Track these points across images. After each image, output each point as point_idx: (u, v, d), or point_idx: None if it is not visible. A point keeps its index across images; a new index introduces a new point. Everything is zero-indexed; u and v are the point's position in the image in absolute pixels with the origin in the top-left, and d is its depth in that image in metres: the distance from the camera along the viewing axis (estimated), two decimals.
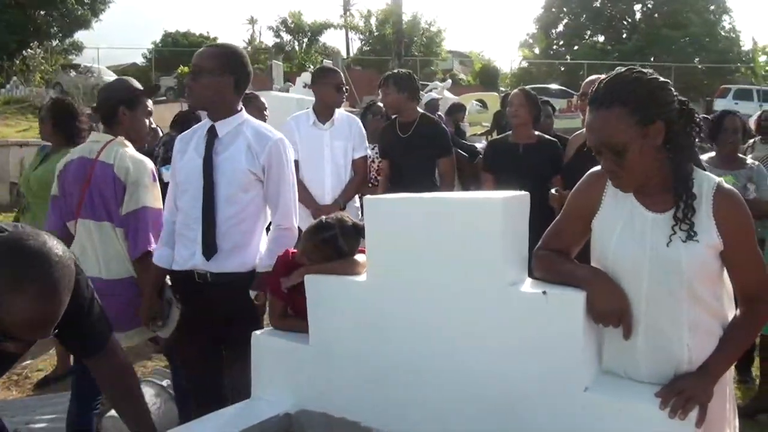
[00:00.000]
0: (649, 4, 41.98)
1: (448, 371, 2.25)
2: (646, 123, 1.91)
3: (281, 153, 3.18)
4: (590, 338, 2.06)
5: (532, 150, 4.67)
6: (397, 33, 22.99)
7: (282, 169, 3.18)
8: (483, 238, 2.13)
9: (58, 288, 1.79)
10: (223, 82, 3.13)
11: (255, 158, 3.13)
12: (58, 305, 1.80)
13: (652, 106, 1.92)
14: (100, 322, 2.29)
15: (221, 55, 3.15)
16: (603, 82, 1.98)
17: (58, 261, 1.80)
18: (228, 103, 3.17)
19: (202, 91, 3.15)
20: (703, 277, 2.00)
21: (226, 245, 3.14)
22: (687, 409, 1.87)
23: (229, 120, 3.18)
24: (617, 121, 1.92)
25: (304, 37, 48.07)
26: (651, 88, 1.95)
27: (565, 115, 16.86)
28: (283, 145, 3.20)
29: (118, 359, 2.37)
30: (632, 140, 1.92)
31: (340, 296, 2.51)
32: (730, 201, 1.99)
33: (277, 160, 3.16)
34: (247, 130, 3.18)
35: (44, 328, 1.81)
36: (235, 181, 3.12)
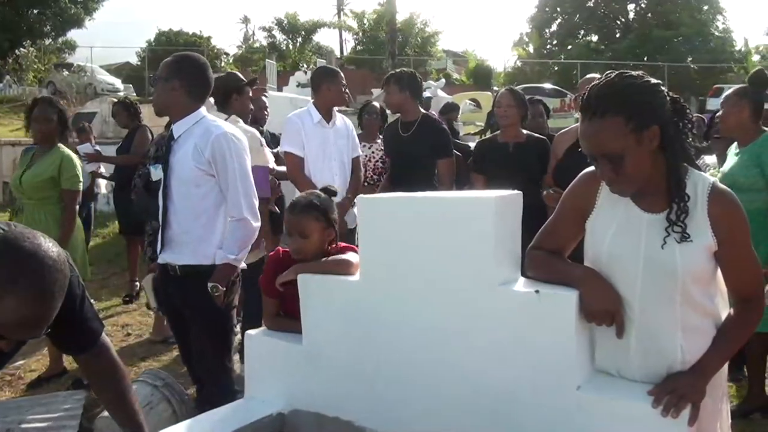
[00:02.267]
0: (642, 4, 42.03)
1: (442, 370, 2.25)
2: (641, 129, 1.90)
3: (223, 146, 3.27)
4: (583, 337, 2.06)
5: (521, 149, 4.68)
6: (391, 33, 22.96)
7: (226, 162, 3.27)
8: (476, 237, 2.13)
9: (52, 290, 1.78)
10: (171, 87, 3.32)
11: (200, 154, 3.26)
12: (51, 308, 1.80)
13: (646, 112, 1.90)
14: (90, 320, 2.29)
15: (172, 63, 3.38)
16: (595, 90, 1.94)
17: (53, 264, 1.78)
18: (181, 106, 3.34)
19: (157, 98, 3.43)
20: (697, 278, 2.00)
21: (188, 239, 3.32)
22: (680, 407, 1.87)
23: (183, 121, 3.36)
24: (612, 130, 1.89)
25: (297, 37, 48.00)
26: (644, 93, 1.93)
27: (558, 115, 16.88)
28: (226, 139, 3.28)
29: (109, 358, 2.36)
30: (628, 148, 1.90)
31: (333, 296, 2.51)
32: (724, 201, 1.99)
33: (221, 154, 3.26)
34: (197, 129, 3.32)
35: (36, 329, 1.81)
36: (184, 178, 3.30)
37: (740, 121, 3.89)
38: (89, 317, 2.28)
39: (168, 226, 3.37)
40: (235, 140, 3.32)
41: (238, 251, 3.33)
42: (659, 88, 1.97)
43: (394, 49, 22.30)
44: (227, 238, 3.34)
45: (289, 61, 41.98)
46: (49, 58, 30.51)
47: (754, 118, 3.88)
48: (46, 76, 27.18)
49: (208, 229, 3.34)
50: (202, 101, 3.41)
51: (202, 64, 3.44)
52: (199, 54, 3.62)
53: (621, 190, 2.01)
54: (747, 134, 3.89)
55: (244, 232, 3.33)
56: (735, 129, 3.96)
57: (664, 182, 2.00)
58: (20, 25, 33.05)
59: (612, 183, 2.00)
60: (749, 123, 3.88)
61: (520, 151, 4.68)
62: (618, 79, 1.94)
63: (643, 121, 1.90)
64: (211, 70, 3.46)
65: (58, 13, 35.06)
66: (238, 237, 3.32)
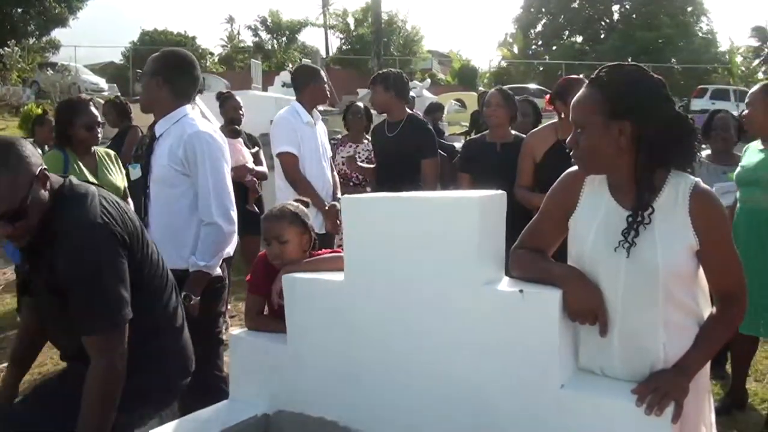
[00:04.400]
0: (626, 5, 42.31)
1: (426, 370, 2.25)
2: (613, 117, 1.96)
3: (195, 145, 3.17)
4: (567, 336, 2.07)
5: (509, 149, 4.67)
6: (376, 32, 22.95)
7: (197, 162, 3.17)
8: (460, 237, 2.14)
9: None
10: (155, 84, 3.26)
11: (175, 153, 3.19)
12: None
13: (625, 105, 1.95)
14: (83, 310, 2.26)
15: (154, 59, 3.33)
16: (607, 66, 2.06)
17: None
18: (165, 103, 3.27)
19: (143, 95, 3.39)
20: (678, 277, 2.01)
21: (164, 240, 3.15)
22: (663, 405, 1.88)
23: (165, 119, 3.28)
24: (589, 102, 2.01)
25: (282, 36, 47.91)
26: (637, 87, 1.97)
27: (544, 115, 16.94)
28: (199, 138, 3.18)
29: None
30: (592, 125, 1.99)
31: (317, 296, 2.51)
32: (706, 201, 2.01)
33: (192, 153, 3.16)
34: (175, 128, 3.23)
35: None
36: (160, 178, 3.25)
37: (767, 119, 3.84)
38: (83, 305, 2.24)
39: (147, 227, 3.24)
40: (209, 140, 3.22)
41: (210, 258, 3.18)
42: (658, 91, 2.01)
43: (380, 49, 22.27)
44: (200, 243, 3.20)
45: (274, 61, 41.85)
46: (33, 57, 30.26)
47: None
48: (30, 75, 26.96)
49: (182, 231, 3.24)
50: (188, 98, 3.34)
51: (189, 60, 3.37)
52: (186, 51, 3.54)
53: (577, 162, 2.10)
54: None
55: (215, 237, 3.20)
56: (762, 127, 3.88)
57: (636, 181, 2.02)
58: (4, 24, 32.76)
59: (572, 150, 2.08)
60: None
61: (507, 152, 4.67)
62: (630, 67, 2.05)
63: (618, 111, 1.96)
64: (198, 67, 3.39)
65: (42, 12, 34.78)
66: (208, 243, 3.19)
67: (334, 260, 2.59)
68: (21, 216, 2.19)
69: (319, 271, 2.60)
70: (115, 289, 2.23)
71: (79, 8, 36.62)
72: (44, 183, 2.25)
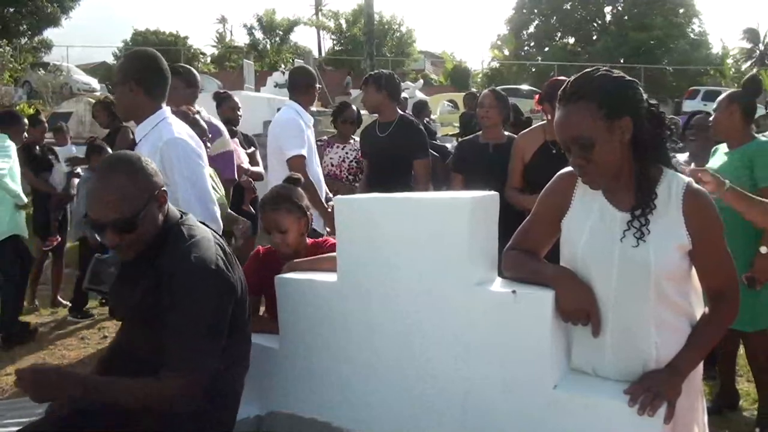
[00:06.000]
0: (618, 6, 42.39)
1: (419, 371, 2.25)
2: (613, 117, 1.93)
3: (171, 153, 3.10)
4: (559, 336, 2.07)
5: (502, 150, 4.67)
6: (369, 33, 22.94)
7: (173, 168, 3.09)
8: (452, 238, 2.14)
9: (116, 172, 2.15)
10: (128, 90, 3.16)
11: (154, 159, 3.05)
12: (110, 186, 2.13)
13: (618, 102, 1.94)
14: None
15: (124, 64, 3.27)
16: (571, 80, 2.01)
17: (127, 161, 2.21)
18: (143, 106, 3.19)
19: (118, 103, 3.36)
20: (671, 276, 2.01)
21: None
22: (655, 405, 1.89)
23: (146, 123, 3.20)
24: (584, 115, 1.94)
25: (275, 36, 47.87)
26: (617, 84, 1.97)
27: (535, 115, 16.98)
28: (174, 146, 3.11)
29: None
30: (599, 134, 1.93)
31: (309, 297, 2.51)
32: (699, 201, 2.01)
33: (169, 160, 3.08)
34: (153, 132, 3.16)
35: (97, 206, 2.14)
36: None
37: (731, 124, 3.96)
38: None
39: None
40: (185, 146, 3.15)
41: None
42: (635, 84, 2.01)
43: (372, 50, 22.26)
44: None
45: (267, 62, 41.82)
46: (25, 57, 30.13)
47: (745, 121, 3.95)
48: (22, 75, 26.84)
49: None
50: (163, 97, 3.27)
51: (155, 57, 3.28)
52: (150, 49, 3.44)
53: (590, 180, 2.03)
54: (738, 137, 3.96)
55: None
56: (726, 132, 4.02)
57: (636, 180, 2.02)
58: None
59: (582, 171, 2.02)
60: (740, 126, 3.95)
61: (500, 152, 4.67)
62: (594, 72, 2.00)
63: (615, 111, 1.93)
64: (164, 62, 3.29)
65: (35, 11, 34.59)
66: None
67: (335, 259, 2.59)
68: (131, 229, 2.15)
69: (320, 270, 2.61)
70: (213, 339, 2.16)
71: (72, 8, 36.45)
72: (162, 204, 2.23)
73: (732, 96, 4.03)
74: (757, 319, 3.85)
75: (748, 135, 3.97)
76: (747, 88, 4.04)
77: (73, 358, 5.38)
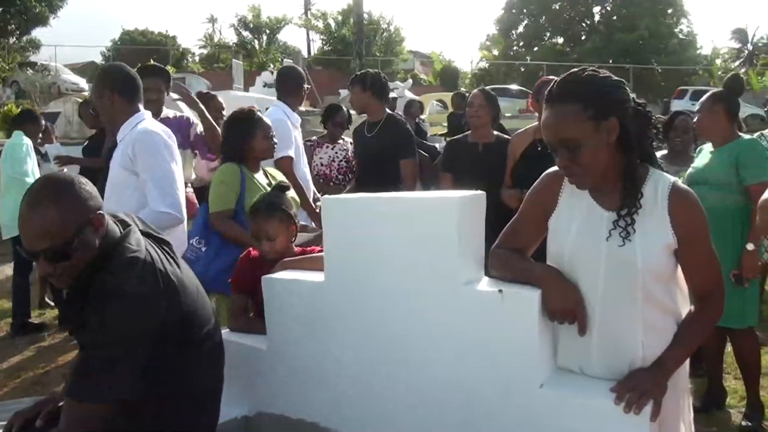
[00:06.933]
0: (607, 7, 42.51)
1: (406, 371, 2.25)
2: (600, 119, 1.93)
3: (140, 142, 3.27)
4: (546, 335, 2.08)
5: (491, 149, 4.69)
6: (358, 33, 22.90)
7: (137, 158, 3.26)
8: (439, 237, 2.14)
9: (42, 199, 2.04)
10: (107, 100, 3.40)
11: (125, 153, 3.28)
12: (36, 216, 2.03)
13: (605, 103, 1.94)
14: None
15: (96, 80, 3.54)
16: (557, 81, 2.01)
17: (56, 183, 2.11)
18: (120, 113, 3.42)
19: (103, 116, 3.59)
20: (657, 275, 2.02)
21: None
22: (641, 404, 1.89)
23: (125, 126, 3.40)
24: (571, 116, 1.93)
25: (263, 35, 47.76)
26: (604, 85, 1.98)
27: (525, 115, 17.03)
28: (144, 134, 3.30)
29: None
30: (586, 135, 1.93)
31: (297, 297, 2.50)
32: (685, 200, 2.02)
33: (138, 149, 3.26)
34: (131, 132, 3.34)
35: (27, 236, 2.06)
36: (113, 180, 3.34)
37: (716, 124, 4.01)
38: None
39: None
40: (154, 137, 3.31)
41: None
42: (621, 85, 2.01)
43: (362, 50, 22.20)
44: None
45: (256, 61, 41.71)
46: (14, 57, 30.00)
47: (729, 120, 4.01)
48: (10, 75, 26.71)
49: None
50: (139, 101, 3.47)
51: (124, 67, 3.54)
52: (121, 63, 3.71)
53: (578, 181, 2.04)
54: (722, 136, 4.01)
55: (165, 222, 3.11)
56: (711, 132, 4.09)
57: (622, 180, 2.02)
58: None
59: (569, 172, 2.03)
60: (724, 125, 4.00)
61: (489, 152, 4.69)
62: (580, 72, 2.00)
63: (602, 111, 1.93)
64: (132, 69, 3.56)
65: (23, 11, 34.40)
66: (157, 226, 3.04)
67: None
68: (64, 258, 2.06)
69: (309, 270, 2.60)
70: (126, 367, 2.04)
71: (60, 7, 36.25)
72: (98, 228, 2.12)
73: (715, 96, 4.08)
74: (744, 317, 3.88)
75: (733, 134, 4.02)
76: (729, 88, 4.08)
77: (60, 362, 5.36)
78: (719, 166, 3.95)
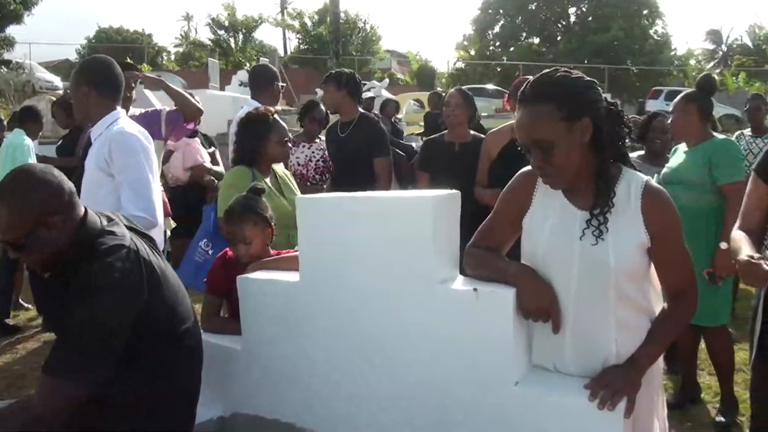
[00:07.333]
0: (583, 8, 42.75)
1: (381, 370, 2.25)
2: (573, 119, 1.94)
3: (116, 143, 3.18)
4: (520, 334, 2.08)
5: (467, 149, 4.70)
6: (335, 32, 22.87)
7: (113, 159, 3.17)
8: (414, 237, 2.14)
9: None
10: (82, 95, 3.31)
11: (101, 153, 3.21)
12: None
13: (578, 103, 1.95)
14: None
15: (76, 71, 3.41)
16: (530, 81, 2.01)
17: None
18: (97, 108, 3.32)
19: (76, 109, 3.46)
20: (630, 274, 2.03)
21: None
22: (615, 400, 1.91)
23: (99, 124, 3.32)
24: (544, 117, 1.94)
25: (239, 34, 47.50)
26: (577, 86, 1.98)
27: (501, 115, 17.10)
28: (120, 136, 3.21)
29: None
30: (559, 136, 1.94)
31: (272, 297, 2.49)
32: (658, 199, 2.04)
33: (114, 151, 3.17)
34: (106, 132, 3.26)
35: None
36: (88, 180, 3.25)
37: (689, 124, 4.04)
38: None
39: None
40: (131, 139, 3.22)
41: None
42: (593, 85, 2.02)
43: (338, 49, 22.18)
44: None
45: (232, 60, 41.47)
46: None
47: (702, 120, 4.04)
48: None
49: None
50: (117, 99, 3.37)
51: (106, 62, 3.40)
52: (104, 55, 3.54)
53: (552, 181, 2.05)
54: (696, 136, 4.05)
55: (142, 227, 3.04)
56: (684, 132, 4.12)
57: (595, 180, 2.03)
58: None
59: (543, 173, 2.04)
60: (697, 125, 4.03)
61: (465, 151, 4.70)
62: (553, 73, 2.01)
63: (575, 112, 1.94)
64: (117, 67, 3.41)
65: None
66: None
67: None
68: (19, 251, 2.14)
69: (284, 270, 2.59)
70: (101, 348, 2.07)
71: (35, 4, 35.78)
72: (51, 229, 2.14)
73: (688, 96, 4.11)
74: (717, 315, 3.92)
75: (706, 133, 4.05)
76: (702, 88, 4.12)
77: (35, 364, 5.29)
78: (693, 166, 3.98)
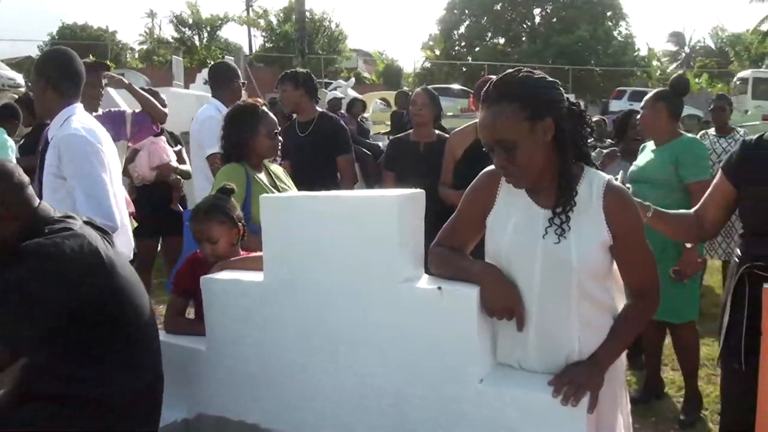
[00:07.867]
0: (547, 9, 43.13)
1: (345, 369, 2.25)
2: (535, 119, 1.95)
3: (66, 148, 3.04)
4: (484, 332, 2.10)
5: (432, 148, 4.71)
6: (300, 30, 22.74)
7: (64, 163, 3.03)
8: (379, 236, 2.14)
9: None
10: (41, 88, 3.18)
11: (53, 157, 3.08)
12: None
13: (540, 103, 1.97)
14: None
15: (36, 63, 3.27)
16: (493, 81, 2.03)
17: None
18: (53, 104, 3.18)
19: (35, 103, 3.34)
20: (592, 272, 2.06)
21: None
22: (578, 396, 1.93)
23: (54, 123, 3.17)
24: (507, 117, 1.95)
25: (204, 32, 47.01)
26: (539, 86, 2.00)
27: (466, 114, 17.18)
28: (69, 140, 3.05)
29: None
30: (522, 136, 1.96)
31: (236, 297, 2.48)
32: (618, 197, 2.06)
33: (64, 155, 3.03)
34: (59, 131, 3.10)
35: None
36: (47, 182, 3.10)
37: (658, 122, 4.09)
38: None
39: None
40: (81, 141, 3.05)
41: None
42: (556, 85, 2.04)
43: (304, 47, 22.06)
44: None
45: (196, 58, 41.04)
46: None
47: (671, 119, 4.08)
48: None
49: None
50: (75, 96, 3.21)
51: (66, 55, 3.23)
52: (64, 47, 3.39)
53: (515, 181, 2.06)
54: (664, 135, 4.09)
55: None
56: (653, 130, 4.17)
57: (558, 179, 2.05)
58: None
59: (506, 172, 2.05)
60: (666, 124, 4.08)
61: (430, 151, 4.71)
62: (516, 73, 2.03)
63: (538, 112, 1.96)
64: (78, 60, 3.24)
65: None
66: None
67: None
68: None
69: (249, 270, 2.58)
70: (23, 312, 2.10)
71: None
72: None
73: (658, 95, 4.16)
74: (684, 312, 3.98)
75: (675, 132, 4.10)
76: (673, 88, 4.17)
77: None
78: (660, 165, 4.03)
